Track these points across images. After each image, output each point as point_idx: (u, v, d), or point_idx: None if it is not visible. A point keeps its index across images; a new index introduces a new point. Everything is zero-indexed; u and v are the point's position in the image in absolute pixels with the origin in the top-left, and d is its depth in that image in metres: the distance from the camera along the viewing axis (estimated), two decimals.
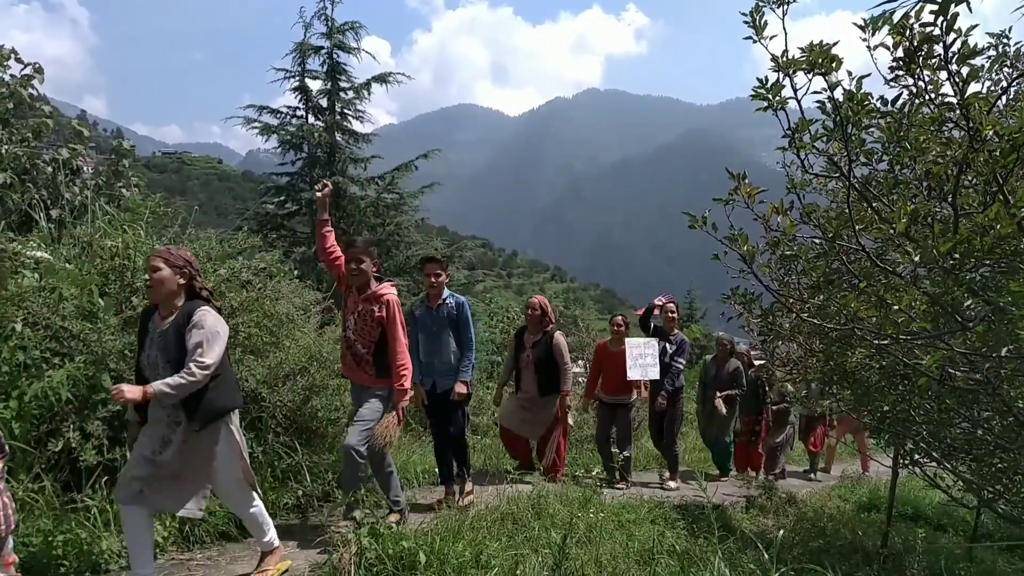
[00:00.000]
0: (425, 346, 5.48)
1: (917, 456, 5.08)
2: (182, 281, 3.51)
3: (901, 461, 5.65)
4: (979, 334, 2.60)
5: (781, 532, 4.42)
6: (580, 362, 12.71)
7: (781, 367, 6.22)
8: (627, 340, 7.29)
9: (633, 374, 7.16)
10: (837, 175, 3.03)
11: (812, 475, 9.63)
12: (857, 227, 2.88)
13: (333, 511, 5.03)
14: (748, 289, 3.79)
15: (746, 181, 2.94)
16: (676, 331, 7.87)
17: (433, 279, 5.46)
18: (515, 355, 6.83)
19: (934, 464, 4.90)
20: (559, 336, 6.66)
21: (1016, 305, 2.43)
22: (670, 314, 7.83)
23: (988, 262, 2.64)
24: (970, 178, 2.88)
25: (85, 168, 7.12)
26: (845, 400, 5.37)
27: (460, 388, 5.32)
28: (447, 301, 5.46)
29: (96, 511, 3.85)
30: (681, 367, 7.63)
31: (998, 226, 2.41)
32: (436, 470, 5.98)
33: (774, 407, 8.83)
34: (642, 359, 7.22)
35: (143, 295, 4.98)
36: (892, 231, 2.65)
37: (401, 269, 13.79)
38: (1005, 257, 2.63)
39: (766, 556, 3.53)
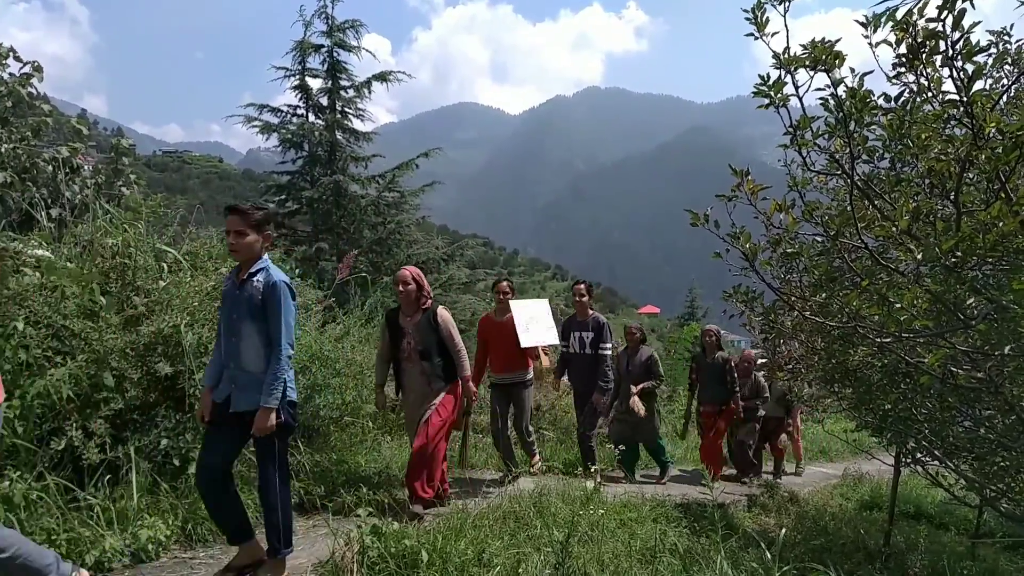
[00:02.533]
0: (223, 340, 3.73)
1: (919, 455, 5.08)
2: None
3: (903, 460, 5.65)
4: (981, 332, 2.60)
5: (783, 531, 4.42)
6: None
7: (783, 365, 6.23)
8: (512, 304, 6.36)
9: (526, 340, 6.20)
10: (839, 172, 3.02)
11: (779, 478, 9.18)
12: (859, 225, 2.87)
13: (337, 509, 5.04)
14: (749, 287, 3.79)
15: (749, 178, 2.94)
16: (591, 312, 7.05)
17: (234, 238, 3.58)
18: (390, 345, 5.31)
19: (936, 463, 4.90)
20: (443, 312, 5.28)
21: (1018, 303, 2.43)
22: (579, 297, 7.01)
23: (990, 260, 2.64)
24: (972, 176, 2.87)
25: (85, 167, 7.12)
26: (847, 398, 5.37)
27: (263, 419, 3.48)
28: (256, 276, 3.61)
29: (99, 509, 3.85)
30: (607, 352, 6.80)
31: (1000, 224, 2.41)
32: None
33: (742, 400, 8.37)
34: (534, 323, 6.37)
35: (144, 294, 4.99)
36: (894, 229, 2.64)
37: (400, 267, 13.79)
38: (1007, 255, 2.63)
39: (768, 555, 3.53)
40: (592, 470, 6.20)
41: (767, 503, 6.93)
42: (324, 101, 14.41)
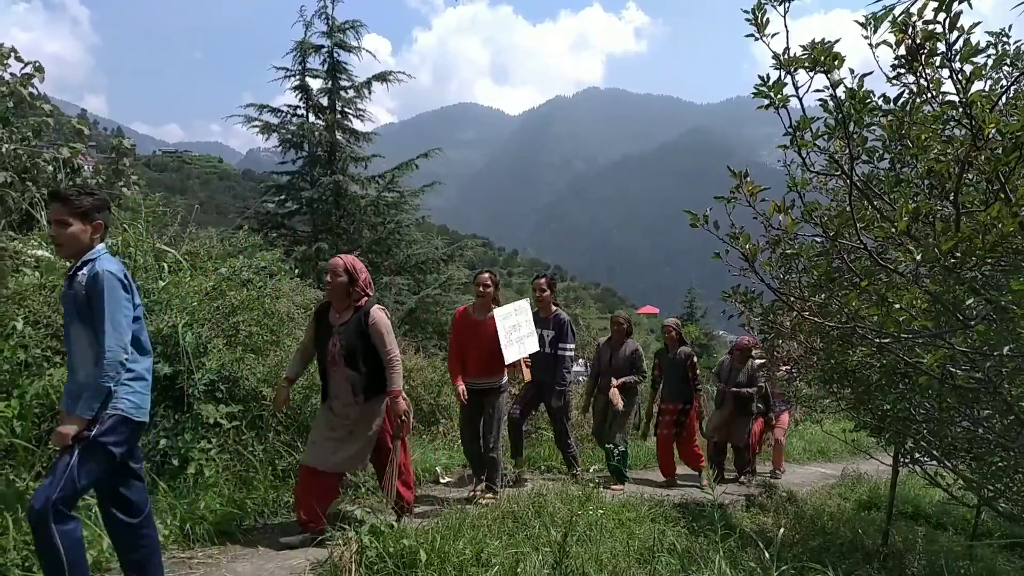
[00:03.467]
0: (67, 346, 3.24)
1: (917, 454, 5.09)
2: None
3: (901, 459, 5.66)
4: (980, 333, 2.61)
5: (781, 530, 4.42)
6: (581, 360, 12.68)
7: (782, 365, 6.23)
8: (496, 314, 5.71)
9: (510, 354, 5.68)
10: (838, 173, 3.03)
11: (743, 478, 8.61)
12: (858, 225, 2.88)
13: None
14: (749, 287, 3.79)
15: (748, 179, 2.94)
16: (554, 308, 6.53)
17: (54, 229, 3.09)
18: (315, 345, 4.58)
19: (934, 463, 4.91)
20: (378, 312, 4.44)
21: (1017, 304, 2.43)
22: (540, 292, 6.51)
23: (989, 260, 2.64)
24: (972, 176, 2.88)
25: (86, 167, 7.12)
26: (845, 398, 5.37)
27: (63, 428, 2.88)
28: (81, 271, 3.04)
29: (96, 510, 3.85)
30: (570, 354, 6.37)
31: (1000, 225, 2.41)
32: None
33: (735, 388, 8.10)
34: (516, 331, 5.82)
35: (143, 293, 4.99)
36: (894, 230, 2.65)
37: (401, 268, 13.79)
38: (1006, 255, 2.63)
39: (767, 554, 3.53)
40: (573, 473, 6.16)
41: (765, 503, 6.93)
42: (324, 101, 14.42)
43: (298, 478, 4.47)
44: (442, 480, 6.39)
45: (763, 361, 8.17)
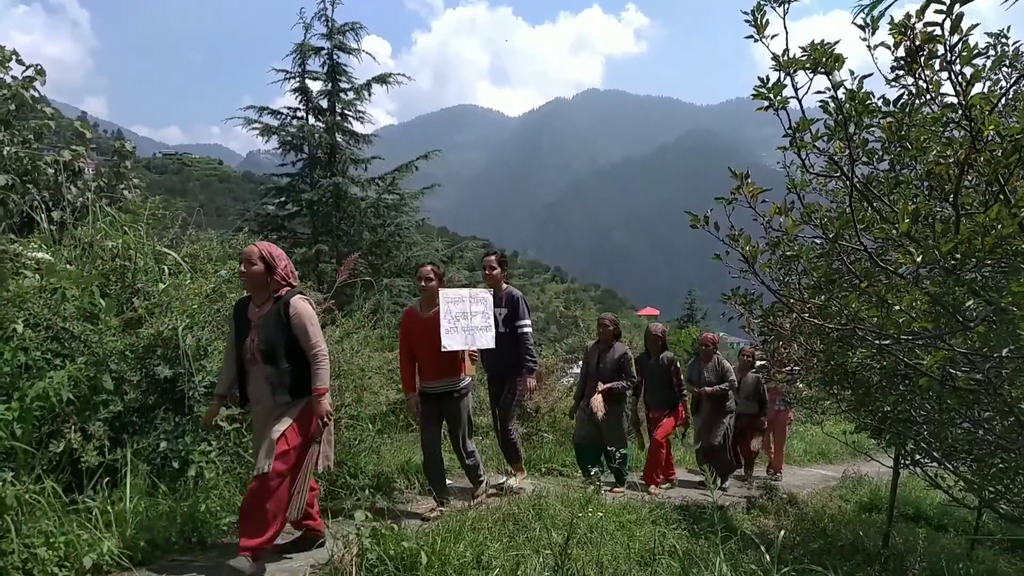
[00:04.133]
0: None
1: (918, 456, 5.08)
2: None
3: (902, 461, 5.65)
4: (980, 334, 2.61)
5: (782, 533, 4.42)
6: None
7: (782, 367, 6.22)
8: (442, 293, 5.20)
9: (449, 341, 5.07)
10: (838, 175, 3.03)
11: (746, 481, 8.64)
12: (858, 227, 2.88)
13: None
14: (749, 289, 3.79)
15: (749, 181, 2.94)
16: (504, 285, 6.02)
17: None
18: (235, 344, 4.10)
19: (935, 464, 4.91)
20: (299, 302, 3.93)
21: (1017, 305, 2.43)
22: (490, 270, 6.00)
23: (989, 262, 2.64)
24: (971, 178, 2.88)
25: (86, 170, 7.13)
26: (846, 400, 5.37)
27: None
28: None
29: (97, 512, 3.85)
30: (529, 330, 5.90)
31: (999, 226, 2.42)
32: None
33: (708, 387, 7.82)
34: (465, 319, 5.23)
35: (143, 296, 5.00)
36: (894, 231, 2.65)
37: (402, 270, 13.80)
38: (1006, 257, 2.63)
39: (767, 557, 3.53)
40: (518, 467, 6.00)
41: (766, 505, 6.93)
42: (324, 103, 14.44)
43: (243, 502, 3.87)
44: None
45: (763, 363, 8.16)
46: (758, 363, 8.46)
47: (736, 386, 8.13)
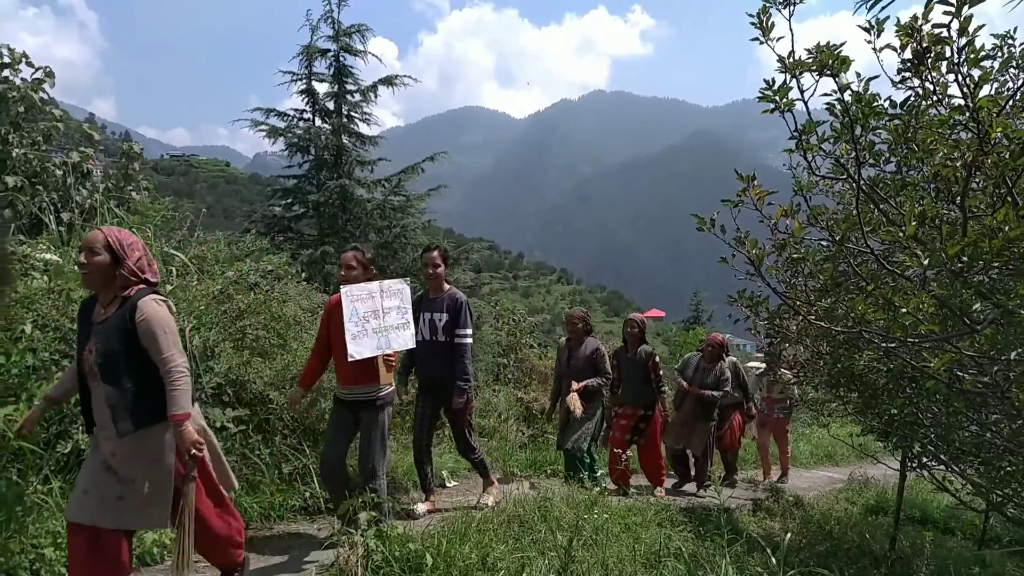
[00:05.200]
0: None
1: (925, 459, 5.07)
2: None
3: (909, 464, 5.64)
4: (988, 337, 2.60)
5: (788, 535, 4.41)
6: None
7: (788, 370, 6.20)
8: (345, 289, 4.36)
9: (359, 349, 4.25)
10: (844, 177, 3.02)
11: (728, 481, 8.11)
12: (865, 229, 2.87)
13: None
14: (755, 291, 3.79)
15: (755, 183, 2.94)
16: (447, 287, 5.36)
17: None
18: (76, 355, 3.22)
19: (942, 467, 4.89)
20: (149, 305, 3.07)
21: None
22: (432, 268, 5.30)
23: (997, 265, 2.63)
24: (979, 181, 2.87)
25: (95, 171, 7.16)
26: (852, 403, 5.36)
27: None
28: None
29: None
30: (469, 340, 5.27)
31: (1007, 229, 2.41)
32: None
33: (698, 392, 7.28)
34: (376, 318, 4.38)
35: None
36: (901, 233, 2.64)
37: (408, 271, 13.81)
38: (1014, 260, 2.62)
39: (773, 559, 3.52)
40: (490, 482, 5.60)
41: (772, 507, 6.91)
42: (330, 105, 14.45)
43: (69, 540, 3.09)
44: (448, 485, 6.39)
45: (764, 368, 8.16)
46: (756, 368, 8.41)
47: (730, 393, 7.66)
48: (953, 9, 2.24)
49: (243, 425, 4.94)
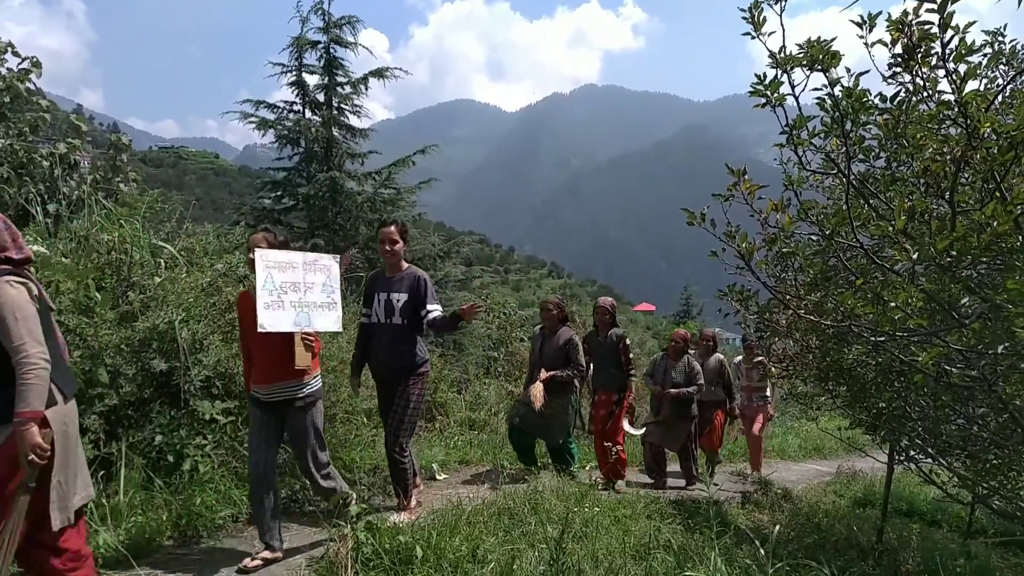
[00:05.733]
0: None
1: (912, 452, 5.11)
2: None
3: (896, 457, 5.68)
4: (975, 331, 2.62)
5: (777, 527, 4.44)
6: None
7: (777, 364, 6.21)
8: (260, 253, 3.78)
9: (271, 320, 3.70)
10: (835, 172, 3.03)
11: (710, 477, 7.66)
12: (855, 224, 2.88)
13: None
14: (745, 286, 3.80)
15: (746, 177, 2.95)
16: (405, 266, 4.87)
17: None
18: None
19: (929, 460, 4.93)
20: (3, 288, 2.69)
21: (1012, 302, 2.44)
22: (389, 245, 4.78)
23: (985, 259, 2.65)
24: (967, 176, 2.89)
25: (82, 163, 7.10)
26: (841, 396, 5.39)
27: None
28: None
29: (93, 505, 3.85)
30: (438, 313, 4.66)
31: (995, 223, 2.42)
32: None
33: (672, 393, 7.10)
34: (296, 291, 3.83)
35: (139, 289, 4.99)
36: (890, 228, 2.65)
37: None
38: (1002, 254, 2.64)
39: (762, 551, 3.54)
40: (411, 488, 4.74)
41: (761, 500, 6.95)
42: (321, 97, 14.37)
43: None
44: (438, 477, 6.40)
45: (760, 359, 8.16)
46: (756, 359, 8.36)
47: (704, 389, 7.49)
48: (936, 5, 2.25)
49: (232, 417, 4.92)
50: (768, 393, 8.57)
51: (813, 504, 7.32)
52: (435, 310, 4.68)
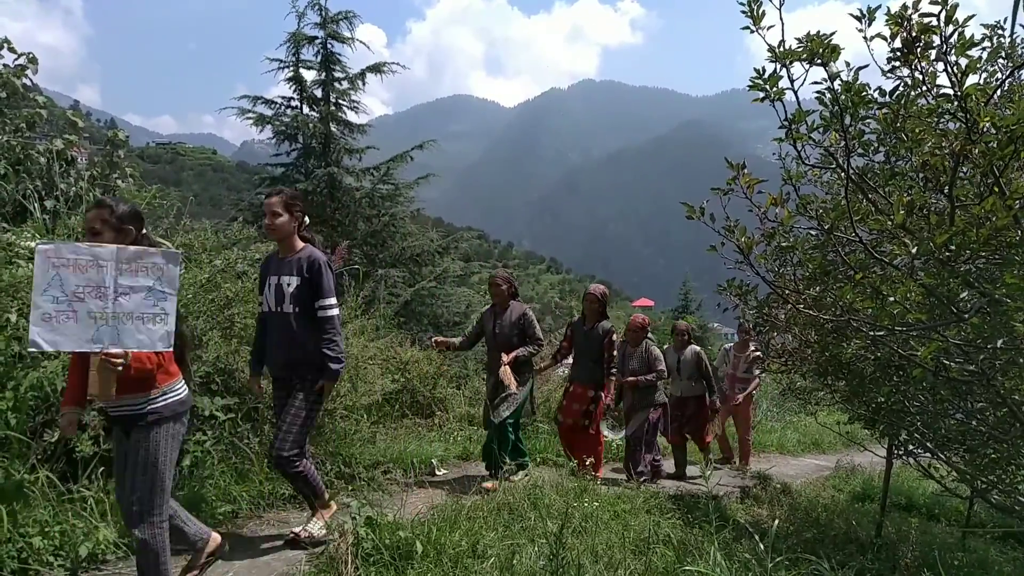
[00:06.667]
0: None
1: (911, 447, 5.11)
2: None
3: (895, 452, 5.69)
4: (974, 325, 2.62)
5: (776, 522, 4.45)
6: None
7: (776, 358, 6.21)
8: (41, 249, 2.75)
9: (45, 336, 2.75)
10: (834, 166, 3.03)
11: (702, 476, 7.61)
12: (854, 218, 2.88)
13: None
14: (744, 280, 3.80)
15: (745, 171, 2.94)
16: (300, 245, 4.17)
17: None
18: None
19: (928, 454, 4.94)
20: None
21: (1011, 297, 2.44)
22: (274, 218, 4.07)
23: (984, 254, 2.65)
24: (966, 170, 2.89)
25: (79, 159, 7.08)
26: (840, 391, 5.39)
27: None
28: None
29: (92, 501, 3.85)
30: (332, 312, 4.02)
31: (994, 218, 2.42)
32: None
33: (630, 380, 6.83)
34: (102, 298, 2.83)
35: None
36: (889, 223, 2.65)
37: (397, 260, 13.77)
38: (1000, 249, 2.64)
39: (761, 546, 3.55)
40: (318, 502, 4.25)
41: (760, 494, 6.97)
42: (318, 93, 14.35)
43: None
44: (438, 472, 6.40)
45: (758, 354, 8.14)
46: (753, 354, 8.28)
47: (666, 376, 7.18)
48: None
49: (232, 413, 4.92)
50: (748, 386, 8.39)
51: (812, 498, 7.34)
52: (330, 306, 4.02)
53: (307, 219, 4.27)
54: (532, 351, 5.91)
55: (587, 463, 5.99)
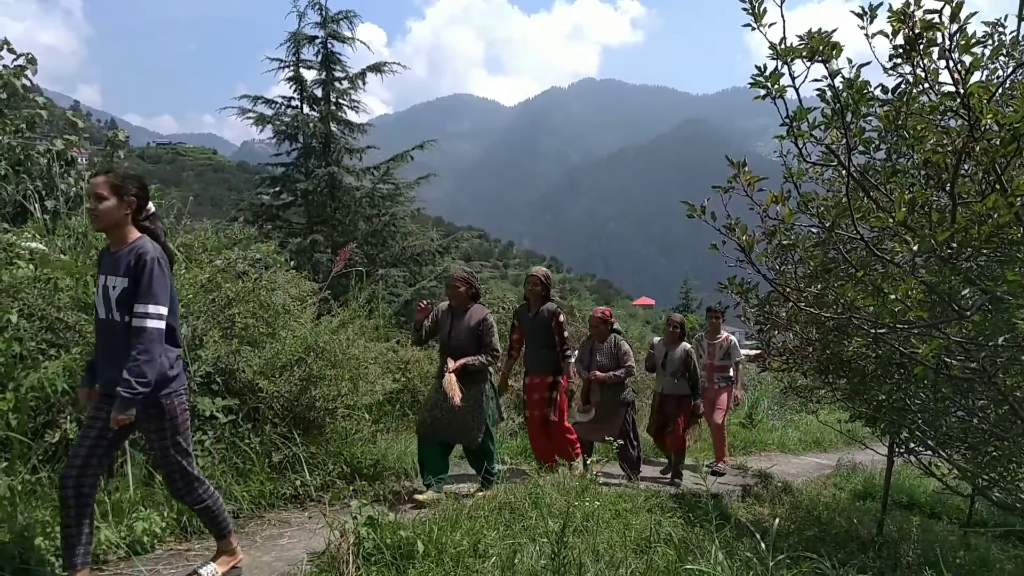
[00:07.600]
0: None
1: (912, 444, 5.11)
2: None
3: (896, 450, 5.69)
4: (976, 323, 2.62)
5: (777, 520, 4.44)
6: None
7: (777, 357, 6.19)
8: None
9: None
10: (835, 164, 3.03)
11: (675, 480, 7.07)
12: (855, 216, 2.88)
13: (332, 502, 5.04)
14: (745, 278, 3.79)
15: (746, 169, 2.94)
16: (134, 236, 3.30)
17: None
18: None
19: (929, 453, 4.93)
20: None
21: (1013, 294, 2.44)
22: (97, 200, 3.18)
23: (985, 251, 2.65)
24: (968, 167, 2.88)
25: (80, 159, 7.08)
26: (841, 389, 5.39)
27: None
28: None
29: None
30: (151, 324, 3.07)
31: (996, 215, 2.42)
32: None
33: (600, 372, 6.52)
34: None
35: None
36: (890, 220, 2.65)
37: (397, 260, 13.77)
38: (1002, 246, 2.64)
39: (762, 544, 3.55)
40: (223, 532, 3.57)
41: (761, 493, 6.96)
42: (318, 92, 14.35)
43: None
44: None
45: (758, 352, 8.10)
46: (720, 336, 7.93)
47: (635, 372, 6.87)
48: None
49: (232, 414, 4.92)
50: (732, 374, 7.93)
51: (813, 497, 7.34)
52: (149, 316, 3.10)
53: (150, 206, 3.42)
54: (485, 361, 5.38)
55: (558, 463, 5.77)
